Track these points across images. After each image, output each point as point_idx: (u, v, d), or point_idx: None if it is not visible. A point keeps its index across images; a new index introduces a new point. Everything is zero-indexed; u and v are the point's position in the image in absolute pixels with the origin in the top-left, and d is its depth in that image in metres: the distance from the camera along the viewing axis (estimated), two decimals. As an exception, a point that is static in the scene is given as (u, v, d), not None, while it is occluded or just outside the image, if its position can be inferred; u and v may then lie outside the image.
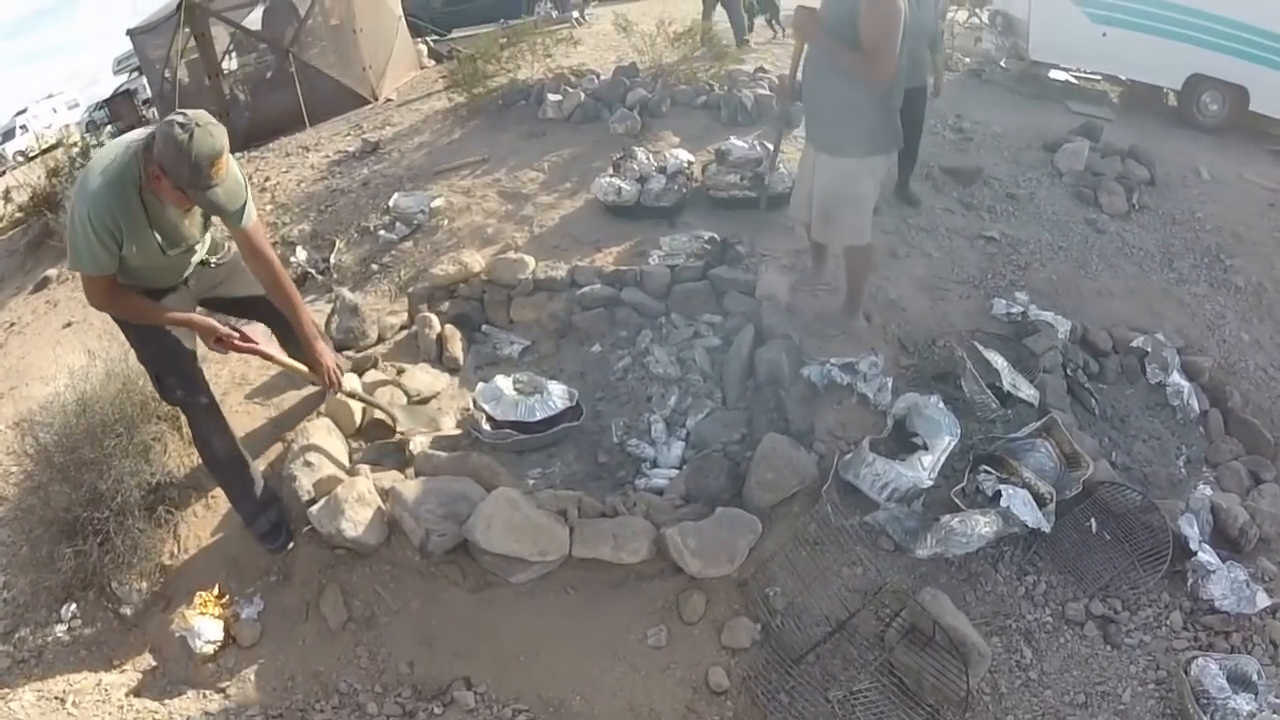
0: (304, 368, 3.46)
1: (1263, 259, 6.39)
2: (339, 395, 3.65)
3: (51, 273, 7.12)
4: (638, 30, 8.35)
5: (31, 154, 21.03)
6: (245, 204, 3.03)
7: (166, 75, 9.88)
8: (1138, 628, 3.36)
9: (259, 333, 3.45)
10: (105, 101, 21.27)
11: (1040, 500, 3.46)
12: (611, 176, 5.72)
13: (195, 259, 3.22)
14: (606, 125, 6.96)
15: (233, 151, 7.82)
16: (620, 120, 6.86)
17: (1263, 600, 3.42)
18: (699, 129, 6.87)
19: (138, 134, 2.88)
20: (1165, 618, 3.41)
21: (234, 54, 10.22)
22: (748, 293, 4.57)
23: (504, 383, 3.97)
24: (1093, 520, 3.57)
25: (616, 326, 4.59)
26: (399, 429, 3.88)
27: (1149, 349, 4.88)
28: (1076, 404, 4.42)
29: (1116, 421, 4.52)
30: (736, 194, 5.56)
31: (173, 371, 3.20)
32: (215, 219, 3.16)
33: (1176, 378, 4.77)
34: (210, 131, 2.70)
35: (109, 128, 12.19)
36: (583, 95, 7.33)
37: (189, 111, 2.74)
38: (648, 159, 5.92)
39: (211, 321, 3.17)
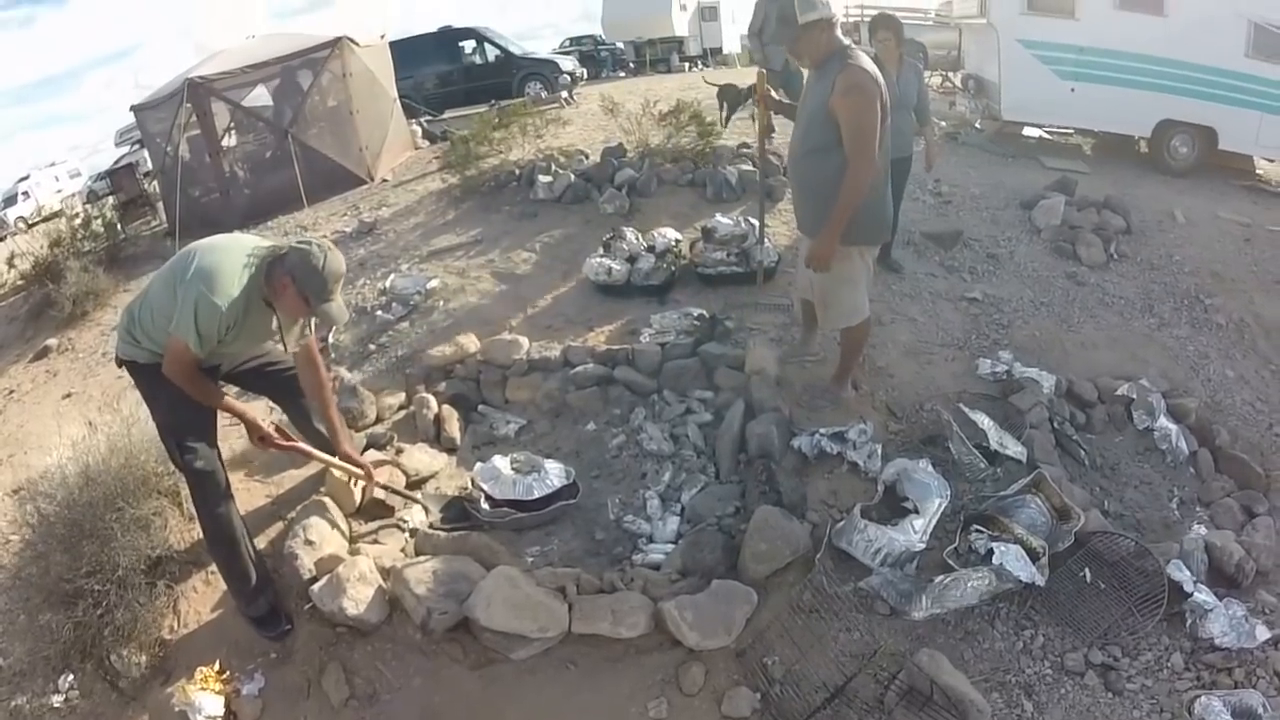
0: (340, 462, 3.68)
1: (1242, 295, 6.54)
2: (376, 490, 3.85)
3: (52, 342, 7.24)
4: (624, 111, 8.58)
5: (33, 220, 21.31)
6: (345, 320, 3.51)
7: (168, 150, 10.09)
8: (1139, 672, 3.37)
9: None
10: (107, 173, 21.62)
11: (1033, 555, 3.50)
12: (602, 256, 5.89)
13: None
14: (596, 205, 7.13)
15: (232, 229, 8.10)
16: (609, 200, 7.04)
17: (1263, 633, 3.44)
18: (686, 206, 7.05)
19: (258, 244, 3.25)
20: (1166, 660, 3.42)
21: (234, 132, 10.44)
22: (737, 368, 4.66)
23: (501, 462, 4.05)
24: (1087, 570, 3.61)
25: (610, 405, 4.69)
26: (429, 519, 3.97)
27: (1134, 396, 4.97)
28: (1066, 456, 4.49)
29: (1107, 470, 4.58)
30: (724, 270, 5.73)
31: (192, 439, 3.33)
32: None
33: (1164, 421, 4.86)
34: (338, 256, 3.16)
35: (110, 199, 12.43)
36: (572, 176, 7.53)
37: (315, 238, 3.20)
38: (636, 238, 6.08)
39: (259, 419, 3.42)
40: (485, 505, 3.91)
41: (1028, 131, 10.66)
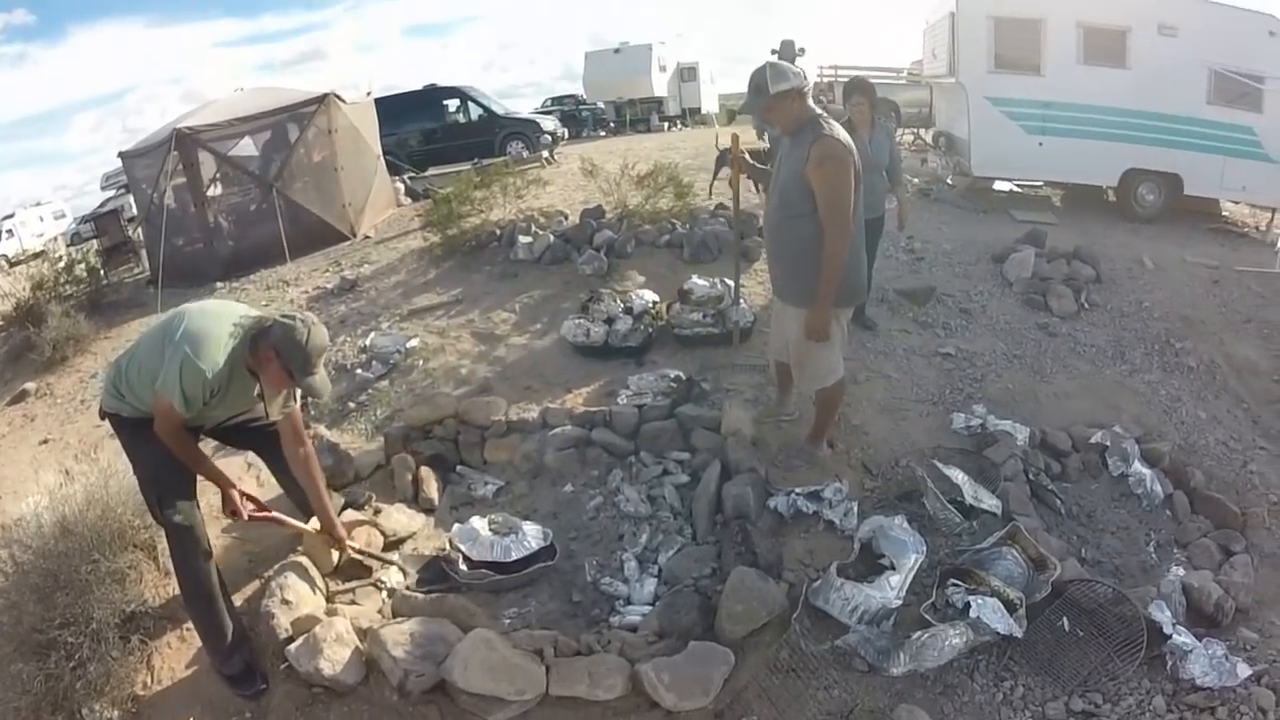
0: (311, 529, 3.75)
1: (1212, 337, 6.67)
2: (352, 553, 3.87)
3: (30, 386, 7.23)
4: (603, 173, 8.72)
5: (15, 260, 21.21)
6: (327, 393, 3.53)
7: (154, 198, 10.14)
8: (1121, 718, 3.37)
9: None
10: (92, 216, 21.71)
11: (1010, 606, 3.52)
12: (580, 318, 5.98)
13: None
14: (575, 266, 7.23)
15: (215, 280, 8.09)
16: (588, 262, 7.13)
17: (1244, 671, 3.45)
18: (663, 267, 7.16)
19: (246, 313, 3.36)
20: (1148, 703, 3.42)
21: (219, 182, 10.50)
22: (714, 429, 4.71)
23: (479, 523, 4.06)
24: (1065, 619, 3.62)
25: (588, 466, 4.71)
26: (407, 580, 3.97)
27: (1108, 443, 5.04)
28: (1042, 506, 4.54)
29: (1083, 518, 4.62)
30: (700, 331, 5.82)
31: (174, 494, 3.37)
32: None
33: (1138, 467, 4.92)
34: (321, 330, 3.25)
35: (94, 242, 12.49)
36: (552, 237, 7.64)
37: (300, 313, 3.25)
38: (614, 300, 6.18)
39: (235, 492, 3.51)
40: (463, 566, 3.91)
41: (999, 185, 10.89)
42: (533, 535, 4.03)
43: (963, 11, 9.48)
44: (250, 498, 3.62)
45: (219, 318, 3.26)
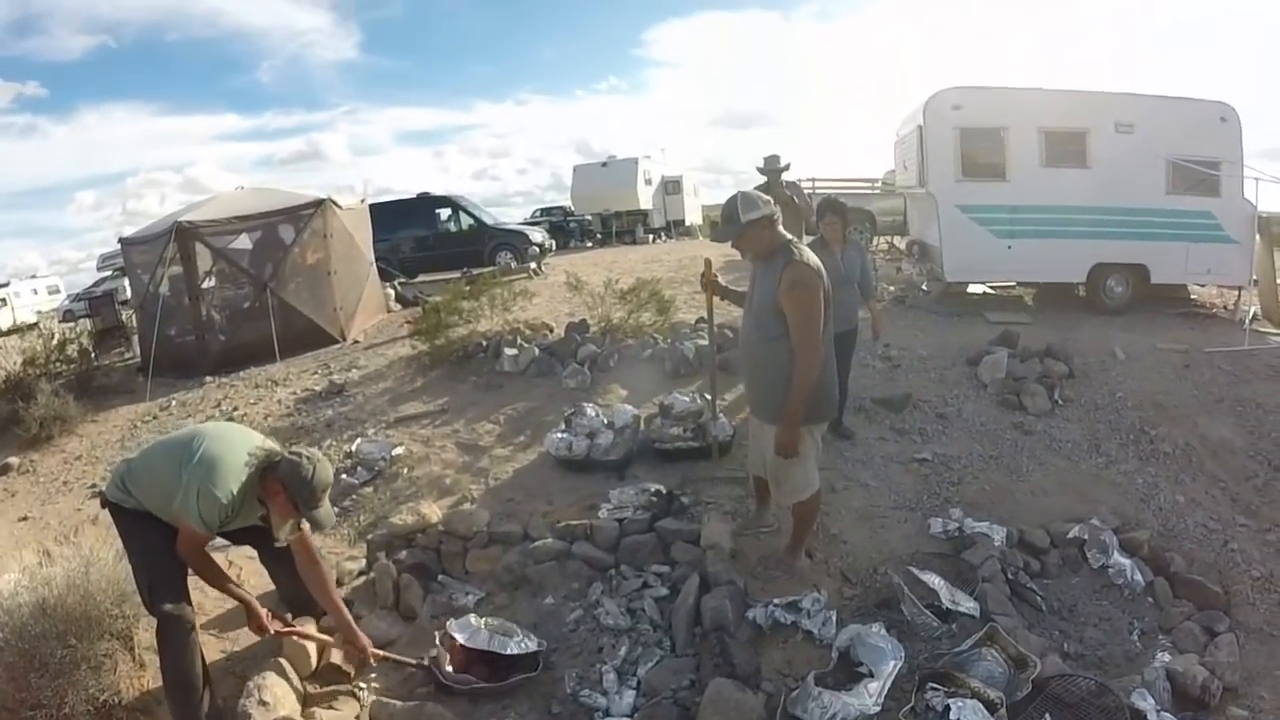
0: (331, 640, 3.88)
1: (1186, 420, 6.75)
2: (376, 659, 3.95)
3: (13, 460, 7.27)
4: (588, 288, 8.95)
5: (7, 330, 21.18)
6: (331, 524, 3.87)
7: (150, 287, 10.32)
8: None
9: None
10: (85, 296, 21.82)
11: (991, 707, 3.50)
12: (563, 432, 6.07)
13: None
14: (559, 379, 7.37)
15: (205, 374, 8.15)
16: (572, 375, 7.29)
17: None
18: (645, 381, 7.29)
19: (259, 445, 3.55)
20: None
21: (214, 277, 10.69)
22: (693, 542, 4.77)
23: (475, 619, 4.14)
24: (1047, 715, 3.60)
25: (568, 579, 4.72)
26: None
27: (1086, 536, 5.09)
28: (1023, 604, 4.56)
29: (1065, 613, 4.63)
30: (681, 445, 5.92)
31: (166, 584, 3.49)
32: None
33: (1117, 557, 4.96)
34: (326, 467, 3.49)
35: (86, 322, 12.60)
36: (537, 350, 7.82)
37: (306, 450, 3.52)
38: (596, 414, 6.29)
39: (261, 612, 3.66)
40: (449, 667, 3.92)
41: (972, 288, 11.15)
42: (529, 638, 4.10)
43: (929, 125, 9.86)
44: (276, 615, 3.76)
45: (235, 447, 3.47)
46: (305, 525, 3.71)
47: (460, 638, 4.00)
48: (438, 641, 4.05)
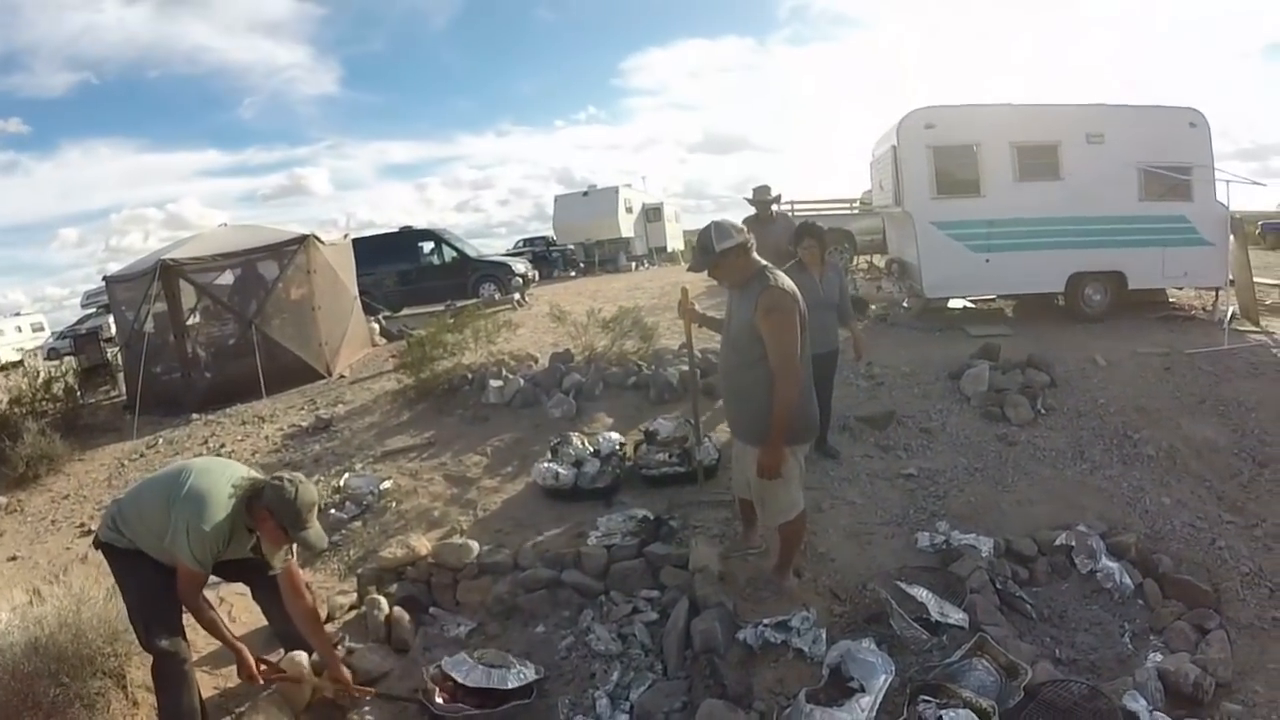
0: (325, 683, 3.86)
1: (1168, 423, 6.81)
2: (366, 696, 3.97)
3: (1, 500, 7.24)
4: (571, 317, 8.99)
5: None
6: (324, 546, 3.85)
7: (135, 324, 10.31)
8: None
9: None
10: (70, 334, 21.76)
11: (984, 715, 3.52)
12: (549, 462, 6.08)
13: None
14: (545, 410, 7.38)
15: (192, 412, 8.10)
16: (557, 405, 7.31)
17: None
18: (630, 408, 7.33)
19: (243, 475, 3.59)
20: None
21: (199, 314, 10.68)
22: (682, 566, 4.80)
23: (468, 655, 4.14)
24: None
25: (559, 607, 4.75)
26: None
27: (1073, 543, 5.12)
28: (1013, 613, 4.59)
29: (1055, 619, 4.66)
30: (667, 470, 5.95)
31: (162, 622, 3.51)
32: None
33: (1105, 561, 4.99)
34: (309, 488, 3.50)
35: (71, 360, 12.55)
36: (522, 381, 7.83)
37: (288, 474, 3.55)
38: (582, 443, 6.33)
39: (251, 661, 3.62)
40: (440, 699, 3.91)
41: (952, 303, 11.21)
42: (527, 669, 4.10)
43: (903, 144, 9.95)
44: (264, 661, 3.75)
45: (219, 478, 3.50)
46: (293, 558, 3.73)
47: (458, 676, 3.99)
48: (427, 677, 4.04)
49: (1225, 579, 5.03)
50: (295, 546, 3.70)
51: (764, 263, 4.15)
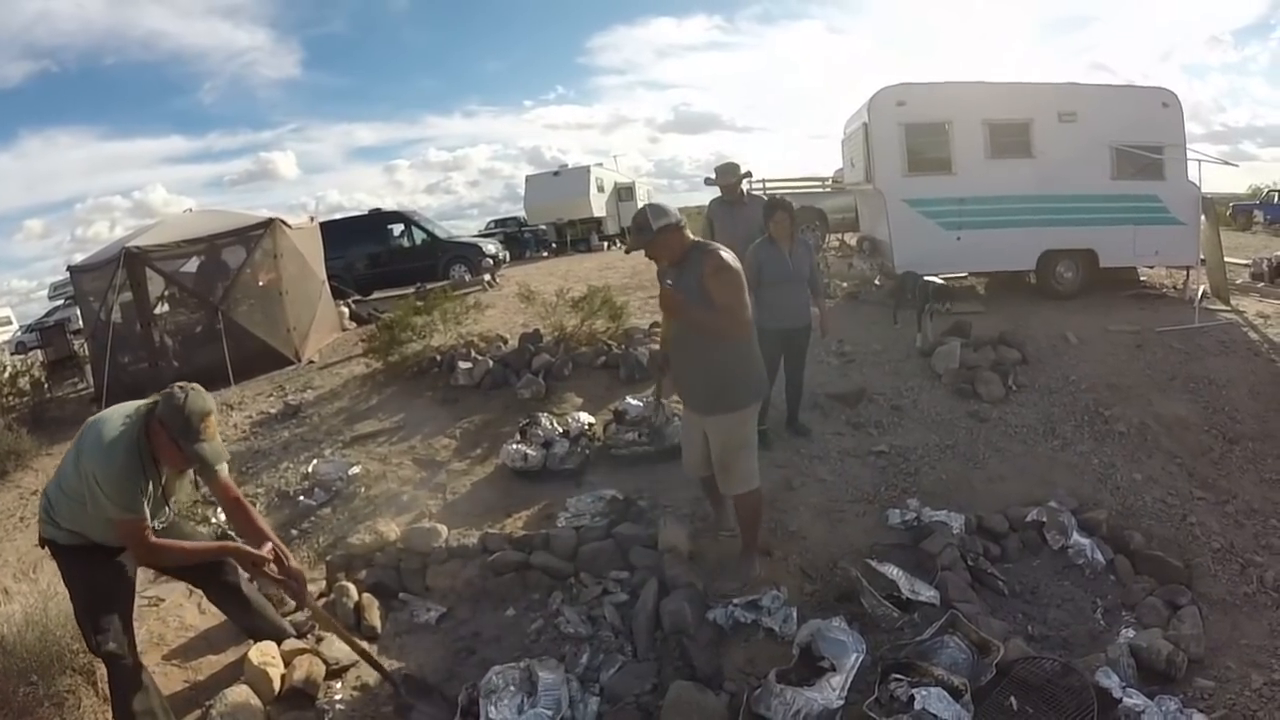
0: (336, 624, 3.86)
1: (1139, 399, 6.86)
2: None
3: None
4: (540, 297, 8.93)
5: None
6: (223, 462, 3.49)
7: (101, 314, 10.12)
8: None
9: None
10: (37, 326, 21.44)
11: (956, 693, 3.52)
12: (518, 443, 6.05)
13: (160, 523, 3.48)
14: (514, 391, 7.32)
15: None
16: (526, 386, 7.25)
17: None
18: (600, 388, 7.29)
19: (139, 404, 3.35)
20: None
21: (166, 302, 10.51)
22: (651, 546, 4.78)
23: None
24: (1012, 698, 3.63)
25: (529, 589, 4.71)
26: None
27: (1044, 519, 5.15)
28: (985, 590, 4.61)
29: (1027, 595, 4.68)
30: (636, 450, 5.93)
31: (106, 624, 3.33)
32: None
33: (1076, 538, 5.01)
34: (202, 394, 3.26)
35: (38, 353, 12.32)
36: (491, 362, 7.75)
37: (185, 383, 3.29)
38: (551, 424, 6.29)
39: (249, 549, 3.45)
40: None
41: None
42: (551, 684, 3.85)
43: (874, 121, 9.94)
44: (276, 557, 3.53)
45: (112, 417, 3.31)
46: (223, 472, 3.51)
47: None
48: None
49: (1197, 555, 5.08)
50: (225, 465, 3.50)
51: (698, 239, 4.21)
